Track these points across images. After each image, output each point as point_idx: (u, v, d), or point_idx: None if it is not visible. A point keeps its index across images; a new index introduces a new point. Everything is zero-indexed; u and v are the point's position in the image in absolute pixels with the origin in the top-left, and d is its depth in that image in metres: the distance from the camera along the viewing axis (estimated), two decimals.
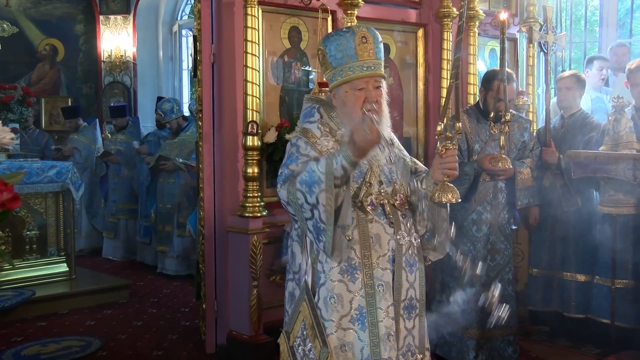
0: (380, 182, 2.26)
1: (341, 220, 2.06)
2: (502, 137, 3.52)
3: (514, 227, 4.14)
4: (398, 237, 2.24)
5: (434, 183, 2.24)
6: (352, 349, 2.17)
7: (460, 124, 2.12)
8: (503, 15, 3.26)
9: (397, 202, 2.26)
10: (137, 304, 5.57)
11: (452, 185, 2.18)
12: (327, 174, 2.00)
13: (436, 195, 2.19)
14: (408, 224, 2.29)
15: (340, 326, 2.17)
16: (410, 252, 2.28)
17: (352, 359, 2.17)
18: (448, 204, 2.24)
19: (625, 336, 3.94)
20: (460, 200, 2.20)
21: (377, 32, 2.29)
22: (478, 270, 3.55)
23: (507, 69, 3.51)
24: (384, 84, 2.26)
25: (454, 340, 3.89)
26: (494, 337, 3.87)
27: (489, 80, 3.88)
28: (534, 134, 4.44)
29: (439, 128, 2.15)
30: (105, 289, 5.71)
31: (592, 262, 4.23)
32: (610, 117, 3.97)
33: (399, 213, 2.26)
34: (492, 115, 3.81)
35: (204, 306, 4.25)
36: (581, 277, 4.31)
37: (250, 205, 3.93)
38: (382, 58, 2.28)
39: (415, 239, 2.31)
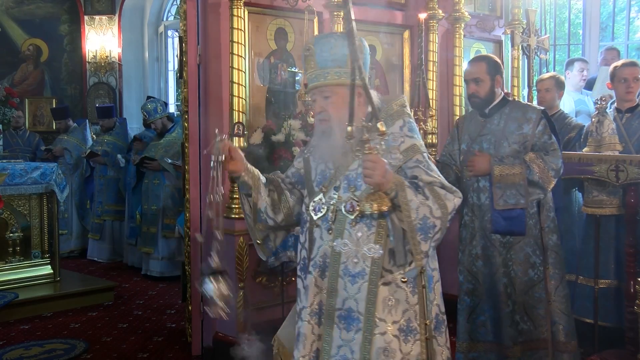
0: (337, 188, 2.21)
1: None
2: None
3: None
4: (335, 244, 2.18)
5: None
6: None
7: (381, 124, 1.94)
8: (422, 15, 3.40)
9: (347, 208, 2.16)
10: (123, 306, 5.54)
11: (380, 194, 2.03)
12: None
13: (360, 205, 2.10)
14: (360, 233, 2.15)
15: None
16: (354, 262, 2.16)
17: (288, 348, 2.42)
18: (404, 208, 2.06)
19: (608, 335, 3.98)
20: (386, 209, 2.04)
21: (331, 38, 2.22)
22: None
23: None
24: (338, 91, 2.17)
25: None
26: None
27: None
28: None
29: (348, 129, 1.98)
30: (90, 291, 5.67)
31: (575, 262, 4.28)
32: (593, 119, 4.02)
33: (347, 220, 2.17)
34: None
35: (190, 308, 4.23)
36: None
37: (237, 206, 3.92)
38: (334, 64, 2.16)
39: (370, 251, 2.15)
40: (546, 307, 3.50)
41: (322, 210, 2.23)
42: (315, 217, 2.25)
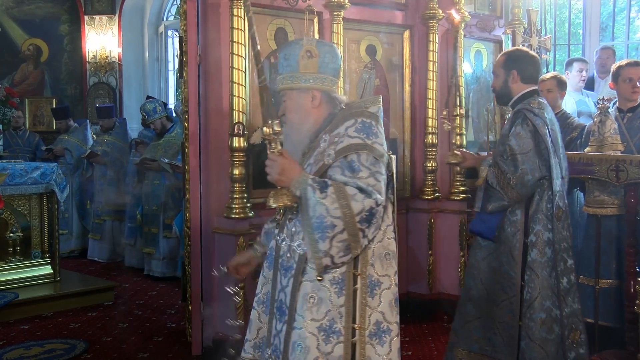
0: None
1: None
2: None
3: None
4: (279, 237, 2.31)
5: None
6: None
7: (276, 124, 2.09)
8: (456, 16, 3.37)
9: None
10: (123, 306, 5.53)
11: (284, 190, 2.12)
12: None
13: (267, 200, 2.19)
14: (294, 228, 2.24)
15: None
16: (287, 256, 2.25)
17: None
18: (303, 206, 2.11)
19: (609, 335, 3.98)
20: (289, 204, 2.13)
21: (288, 45, 2.34)
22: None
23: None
24: (291, 95, 2.31)
25: None
26: None
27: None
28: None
29: (265, 129, 2.12)
30: (90, 290, 5.67)
31: (576, 262, 4.27)
32: (595, 119, 4.02)
33: (289, 216, 2.27)
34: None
35: (190, 308, 4.23)
36: None
37: (237, 206, 3.92)
38: (288, 70, 2.30)
39: (299, 246, 2.21)
40: (513, 328, 3.29)
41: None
42: (276, 213, 2.40)
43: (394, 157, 2.29)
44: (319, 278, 2.17)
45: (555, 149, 3.26)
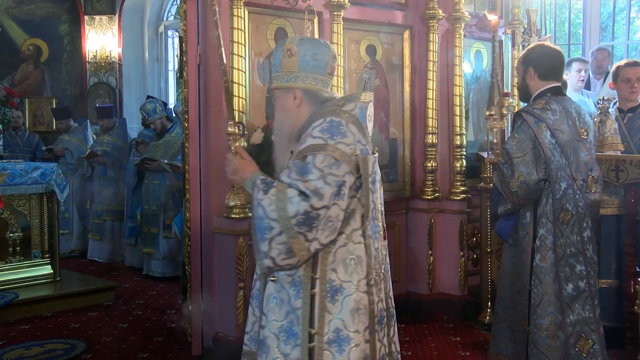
0: None
1: None
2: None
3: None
4: None
5: None
6: None
7: (230, 125, 2.28)
8: (491, 17, 3.27)
9: None
10: (123, 306, 5.53)
11: (241, 188, 2.18)
12: None
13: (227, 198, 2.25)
14: None
15: None
16: None
17: None
18: (252, 206, 2.14)
19: (609, 335, 3.97)
20: (244, 202, 2.19)
21: (276, 46, 2.33)
22: None
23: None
24: (277, 94, 2.32)
25: None
26: None
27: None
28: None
29: (229, 129, 2.26)
30: (90, 290, 5.67)
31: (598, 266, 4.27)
32: (595, 119, 4.02)
33: None
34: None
35: (190, 308, 4.23)
36: None
37: (237, 206, 3.91)
38: (274, 69, 2.30)
39: None
40: (524, 334, 3.26)
41: None
42: None
43: (372, 156, 2.18)
44: (272, 278, 2.19)
45: (563, 151, 3.15)
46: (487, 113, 3.96)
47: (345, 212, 2.11)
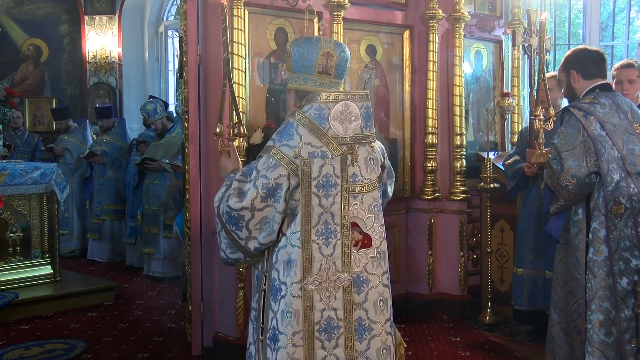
0: None
1: None
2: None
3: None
4: None
5: None
6: None
7: (217, 125, 2.42)
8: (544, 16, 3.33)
9: None
10: (123, 306, 5.53)
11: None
12: None
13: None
14: None
15: None
16: None
17: None
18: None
19: None
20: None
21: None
22: None
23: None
24: (286, 96, 2.42)
25: None
26: None
27: None
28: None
29: (217, 130, 2.41)
30: (90, 291, 5.67)
31: None
32: None
33: None
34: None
35: (190, 308, 4.23)
36: None
37: None
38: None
39: None
40: (582, 333, 3.17)
41: None
42: None
43: (318, 161, 2.13)
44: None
45: (615, 143, 3.11)
46: (534, 114, 3.90)
47: (282, 214, 2.14)
